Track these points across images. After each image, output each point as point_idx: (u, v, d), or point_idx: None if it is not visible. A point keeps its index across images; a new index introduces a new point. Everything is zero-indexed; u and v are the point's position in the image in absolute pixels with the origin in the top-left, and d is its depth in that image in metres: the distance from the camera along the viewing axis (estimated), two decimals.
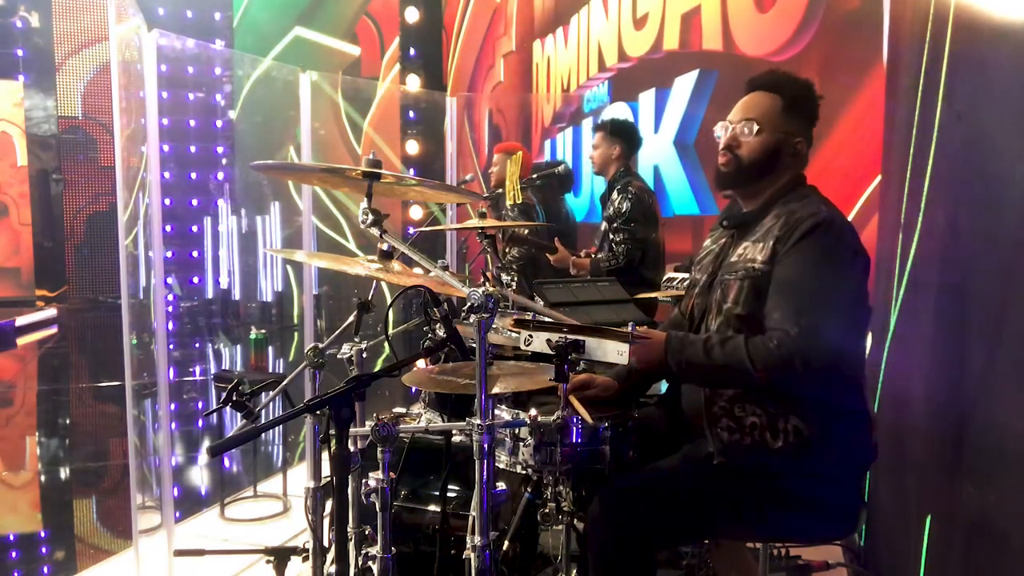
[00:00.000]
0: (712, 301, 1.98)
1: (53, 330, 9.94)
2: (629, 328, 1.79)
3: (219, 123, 10.29)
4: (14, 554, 3.65)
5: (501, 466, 1.97)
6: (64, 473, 4.94)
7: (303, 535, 3.30)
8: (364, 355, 2.06)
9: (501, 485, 1.69)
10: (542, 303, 2.81)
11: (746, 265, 1.91)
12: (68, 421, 6.23)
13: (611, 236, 3.92)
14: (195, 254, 10.11)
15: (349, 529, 1.92)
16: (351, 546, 1.93)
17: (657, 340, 1.85)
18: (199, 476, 4.67)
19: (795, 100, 1.98)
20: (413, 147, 7.00)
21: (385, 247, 1.85)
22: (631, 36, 5.69)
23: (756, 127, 1.96)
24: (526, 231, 4.33)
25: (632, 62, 5.74)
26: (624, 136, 4.07)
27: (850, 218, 2.64)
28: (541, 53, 7.40)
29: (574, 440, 1.90)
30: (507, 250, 4.52)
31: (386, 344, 1.83)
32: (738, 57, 4.42)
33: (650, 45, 5.40)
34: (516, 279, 3.01)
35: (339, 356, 2.06)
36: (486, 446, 1.60)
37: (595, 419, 1.92)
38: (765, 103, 1.99)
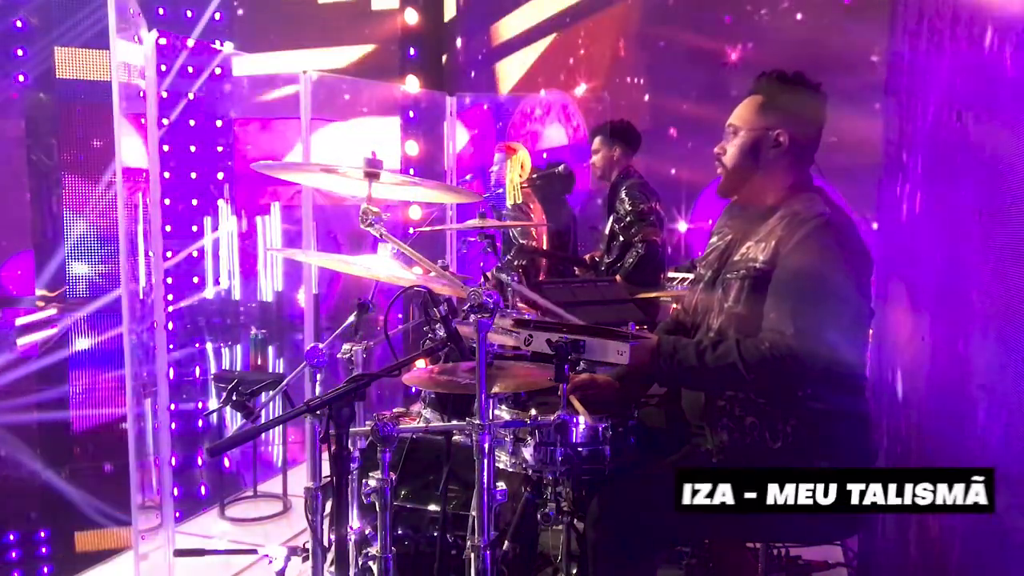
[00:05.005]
0: (715, 300, 1.98)
1: (53, 330, 9.92)
2: (629, 328, 1.79)
3: (219, 123, 10.30)
4: (14, 554, 3.65)
5: (501, 466, 1.97)
6: (64, 473, 4.94)
7: (303, 535, 3.30)
8: (364, 355, 2.06)
9: (501, 485, 1.69)
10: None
11: (747, 264, 1.91)
12: (67, 421, 6.21)
13: (620, 237, 3.90)
14: (195, 254, 10.11)
15: (349, 529, 1.92)
16: (351, 546, 1.93)
17: (648, 343, 1.84)
18: (199, 476, 4.66)
19: (773, 95, 2.00)
20: (413, 147, 6.99)
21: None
22: None
23: (734, 131, 2.01)
24: (527, 240, 4.34)
25: None
26: (622, 136, 4.06)
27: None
28: None
29: (574, 440, 1.90)
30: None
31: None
32: None
33: None
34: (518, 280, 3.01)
35: (339, 356, 2.06)
36: (486, 446, 1.60)
37: (595, 419, 1.92)
38: (747, 106, 2.03)
